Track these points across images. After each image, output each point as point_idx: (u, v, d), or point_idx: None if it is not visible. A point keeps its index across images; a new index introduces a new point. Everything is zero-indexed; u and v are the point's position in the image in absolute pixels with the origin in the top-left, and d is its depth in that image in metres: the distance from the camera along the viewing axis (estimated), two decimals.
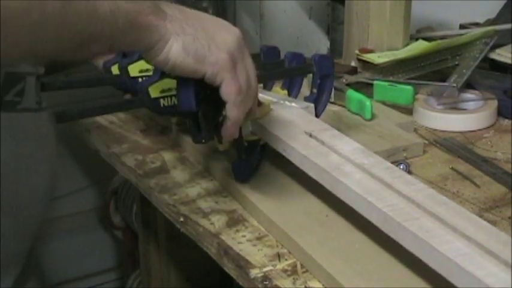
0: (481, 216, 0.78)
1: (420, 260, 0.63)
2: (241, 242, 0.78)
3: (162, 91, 0.77)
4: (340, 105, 1.13)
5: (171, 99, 0.77)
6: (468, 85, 1.17)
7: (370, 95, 1.13)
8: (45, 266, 1.65)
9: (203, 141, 0.78)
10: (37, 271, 0.92)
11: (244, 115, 0.75)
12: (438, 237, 0.62)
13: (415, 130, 1.07)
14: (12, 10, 0.54)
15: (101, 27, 0.61)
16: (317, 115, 0.93)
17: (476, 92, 1.16)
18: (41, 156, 0.87)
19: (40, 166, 0.87)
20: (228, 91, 0.72)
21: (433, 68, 1.23)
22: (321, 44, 1.69)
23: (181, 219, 0.85)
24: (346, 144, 0.80)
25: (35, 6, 0.55)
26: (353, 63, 1.30)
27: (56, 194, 1.60)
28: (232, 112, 0.73)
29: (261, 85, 1.00)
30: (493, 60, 1.26)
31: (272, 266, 0.73)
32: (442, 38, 1.36)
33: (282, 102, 0.93)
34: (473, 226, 0.63)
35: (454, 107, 1.14)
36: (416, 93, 1.12)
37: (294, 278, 0.71)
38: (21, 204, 0.84)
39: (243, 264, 0.74)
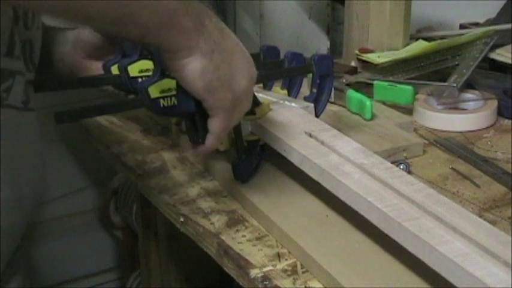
0: (481, 216, 0.78)
1: (420, 260, 0.63)
2: (241, 242, 0.78)
3: (162, 91, 0.77)
4: (340, 105, 1.13)
5: (170, 100, 0.77)
6: (468, 85, 1.17)
7: (370, 95, 1.13)
8: (45, 265, 1.65)
9: (200, 140, 0.78)
10: (22, 271, 0.91)
11: (219, 143, 0.79)
12: (438, 237, 0.62)
13: (415, 130, 1.07)
14: None
15: (140, 9, 0.63)
16: (317, 115, 0.93)
17: (476, 92, 1.16)
18: (25, 156, 0.86)
19: (24, 166, 0.86)
20: (216, 126, 0.74)
21: (433, 68, 1.23)
22: (321, 44, 1.69)
23: (181, 219, 0.85)
24: (346, 144, 0.80)
25: None
26: (353, 63, 1.30)
27: (56, 194, 1.60)
28: (211, 141, 0.76)
29: (261, 85, 1.00)
30: (493, 60, 1.26)
31: (272, 266, 0.73)
32: (442, 38, 1.36)
33: (281, 102, 0.93)
34: (473, 226, 0.63)
35: (454, 107, 1.14)
36: (416, 93, 1.12)
37: (294, 278, 0.71)
38: (3, 204, 0.83)
39: (243, 264, 0.74)
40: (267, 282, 0.71)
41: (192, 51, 0.68)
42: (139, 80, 0.92)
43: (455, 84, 1.14)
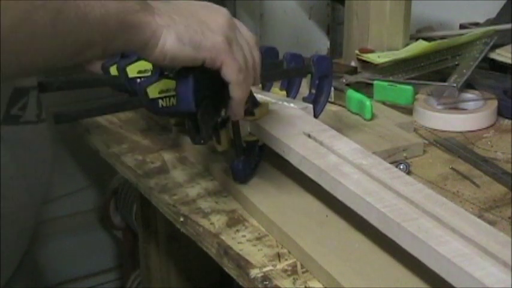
0: (481, 216, 0.79)
1: (419, 260, 0.63)
2: (241, 242, 0.78)
3: (161, 92, 0.77)
4: (340, 105, 1.13)
5: (169, 100, 0.77)
6: (468, 85, 1.17)
7: (370, 95, 1.12)
8: (46, 266, 1.65)
9: (202, 142, 0.78)
10: (31, 272, 0.93)
11: (248, 92, 0.75)
12: (437, 237, 0.62)
13: (415, 130, 1.07)
14: (3, 27, 0.53)
15: (92, 32, 0.61)
16: (315, 115, 0.93)
17: (476, 92, 1.16)
18: (38, 164, 0.88)
19: (37, 173, 0.88)
20: (230, 72, 0.72)
21: (433, 68, 1.23)
22: (321, 44, 1.69)
23: (181, 219, 0.85)
24: (345, 145, 0.80)
25: (25, 21, 0.55)
26: (353, 63, 1.30)
27: (56, 194, 1.61)
28: (236, 92, 0.74)
29: (260, 86, 1.01)
30: (493, 60, 1.26)
31: (272, 266, 0.73)
32: (442, 38, 1.36)
33: (280, 102, 0.93)
34: (472, 227, 0.63)
35: (454, 107, 1.14)
36: (416, 93, 1.12)
37: (294, 278, 0.71)
38: (17, 209, 0.85)
39: (243, 264, 0.74)
40: (267, 282, 0.71)
41: (158, 33, 0.67)
42: (138, 80, 0.92)
43: (455, 84, 1.14)
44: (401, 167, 0.92)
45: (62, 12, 0.57)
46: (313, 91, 0.94)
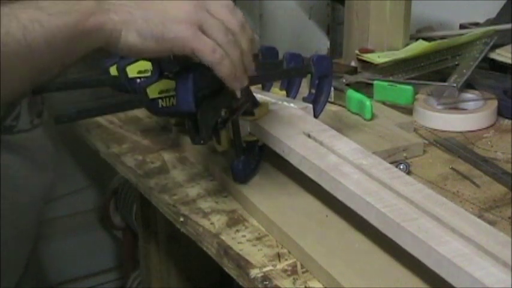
0: (481, 216, 0.79)
1: (419, 261, 0.63)
2: (241, 242, 0.78)
3: (161, 92, 0.77)
4: (340, 105, 1.13)
5: (169, 100, 0.77)
6: (468, 85, 1.17)
7: (370, 95, 1.12)
8: (46, 266, 1.65)
9: (202, 142, 0.78)
10: (38, 271, 0.93)
11: (235, 64, 0.72)
12: (437, 237, 0.62)
13: (415, 130, 1.07)
14: None
15: (44, 58, 0.60)
16: (315, 115, 0.93)
17: (476, 92, 1.16)
18: (37, 165, 0.89)
19: (36, 174, 0.88)
20: (203, 55, 0.69)
21: (433, 68, 1.23)
22: (321, 44, 1.69)
23: (181, 219, 0.85)
24: (345, 145, 0.80)
25: None
26: (353, 63, 1.30)
27: (56, 194, 1.61)
28: (219, 70, 0.71)
29: (260, 85, 1.00)
30: (493, 60, 1.26)
31: (272, 266, 0.73)
32: (442, 38, 1.36)
33: (280, 102, 0.93)
34: (472, 226, 0.63)
35: (454, 107, 1.14)
36: (416, 93, 1.12)
37: (294, 278, 0.71)
38: (20, 210, 0.85)
39: (243, 264, 0.74)
40: (267, 282, 0.71)
41: (117, 29, 0.66)
42: (138, 80, 0.92)
43: (455, 84, 1.14)
44: (401, 167, 0.92)
45: (4, 62, 0.57)
46: (313, 91, 0.94)
